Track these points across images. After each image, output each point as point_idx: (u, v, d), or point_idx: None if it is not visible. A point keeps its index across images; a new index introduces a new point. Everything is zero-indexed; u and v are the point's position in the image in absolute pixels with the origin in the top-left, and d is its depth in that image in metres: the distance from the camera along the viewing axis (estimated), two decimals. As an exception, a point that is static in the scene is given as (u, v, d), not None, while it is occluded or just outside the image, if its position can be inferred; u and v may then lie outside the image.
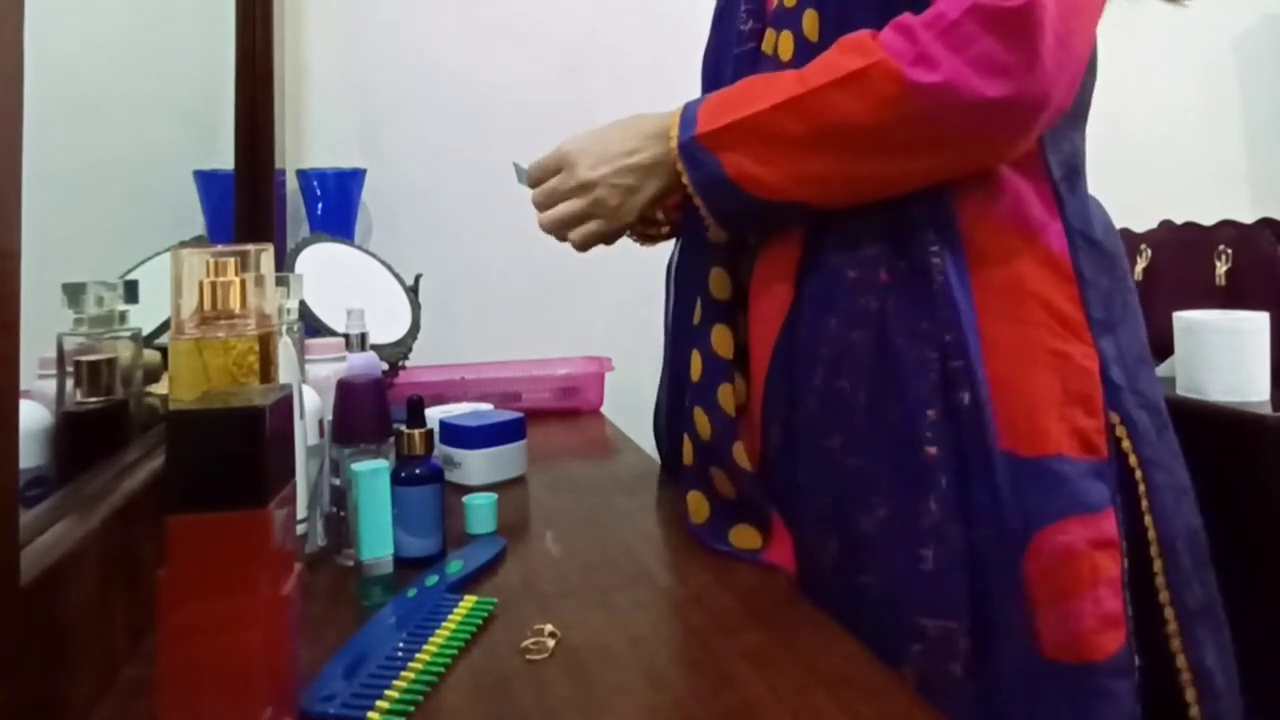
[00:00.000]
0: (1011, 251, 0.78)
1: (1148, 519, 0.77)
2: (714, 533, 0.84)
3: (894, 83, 0.72)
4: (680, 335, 0.95)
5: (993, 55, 0.70)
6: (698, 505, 0.85)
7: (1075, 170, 0.83)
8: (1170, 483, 0.79)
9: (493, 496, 0.93)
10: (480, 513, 0.91)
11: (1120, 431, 0.77)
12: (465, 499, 0.92)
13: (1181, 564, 0.77)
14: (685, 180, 0.81)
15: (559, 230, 0.91)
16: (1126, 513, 0.76)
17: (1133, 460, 0.77)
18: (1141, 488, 0.77)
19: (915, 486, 0.74)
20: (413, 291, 1.46)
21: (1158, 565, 0.76)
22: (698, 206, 0.82)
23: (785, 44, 0.84)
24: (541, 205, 0.91)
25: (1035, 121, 0.74)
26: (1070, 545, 0.73)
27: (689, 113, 0.82)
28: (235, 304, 0.62)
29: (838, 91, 0.74)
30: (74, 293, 0.71)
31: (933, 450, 0.74)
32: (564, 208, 0.89)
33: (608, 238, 0.91)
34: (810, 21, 0.82)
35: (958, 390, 0.74)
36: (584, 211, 0.88)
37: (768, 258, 0.85)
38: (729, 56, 0.92)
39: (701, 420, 0.84)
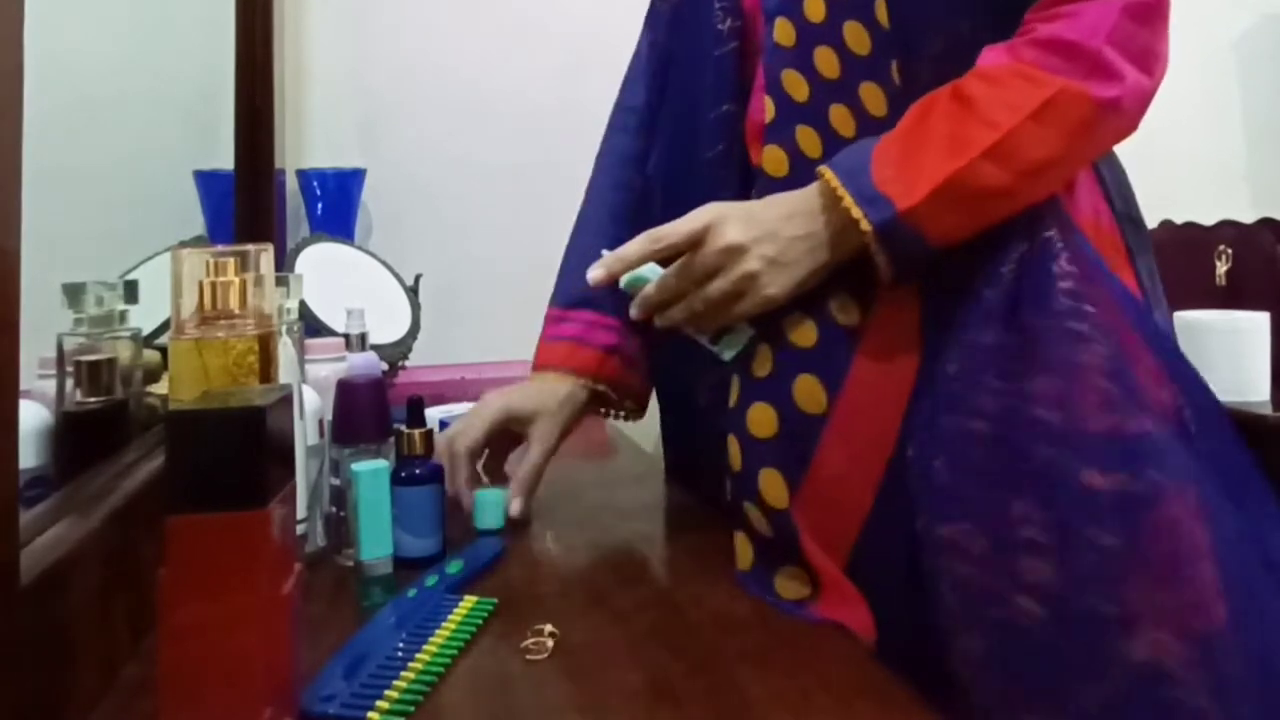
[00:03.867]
0: (1086, 233, 0.77)
1: None
2: (759, 580, 0.76)
3: (1084, 105, 0.72)
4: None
5: (1150, 47, 0.74)
6: (743, 549, 0.77)
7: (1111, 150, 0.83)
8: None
9: (502, 490, 0.92)
10: (490, 508, 0.90)
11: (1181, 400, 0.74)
12: (475, 492, 0.91)
13: None
14: (880, 260, 0.73)
15: (700, 321, 0.77)
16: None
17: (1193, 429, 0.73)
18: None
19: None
20: (413, 291, 1.47)
21: None
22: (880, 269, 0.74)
23: (857, 36, 0.78)
24: (673, 290, 0.76)
25: None
26: (1175, 517, 0.66)
27: (866, 188, 0.71)
28: (235, 304, 0.62)
29: (1034, 126, 0.72)
30: (74, 293, 0.71)
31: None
32: (714, 288, 0.74)
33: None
34: (881, 9, 0.78)
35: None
36: (735, 289, 0.74)
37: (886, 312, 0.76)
38: (708, 60, 0.87)
39: (733, 449, 0.76)
